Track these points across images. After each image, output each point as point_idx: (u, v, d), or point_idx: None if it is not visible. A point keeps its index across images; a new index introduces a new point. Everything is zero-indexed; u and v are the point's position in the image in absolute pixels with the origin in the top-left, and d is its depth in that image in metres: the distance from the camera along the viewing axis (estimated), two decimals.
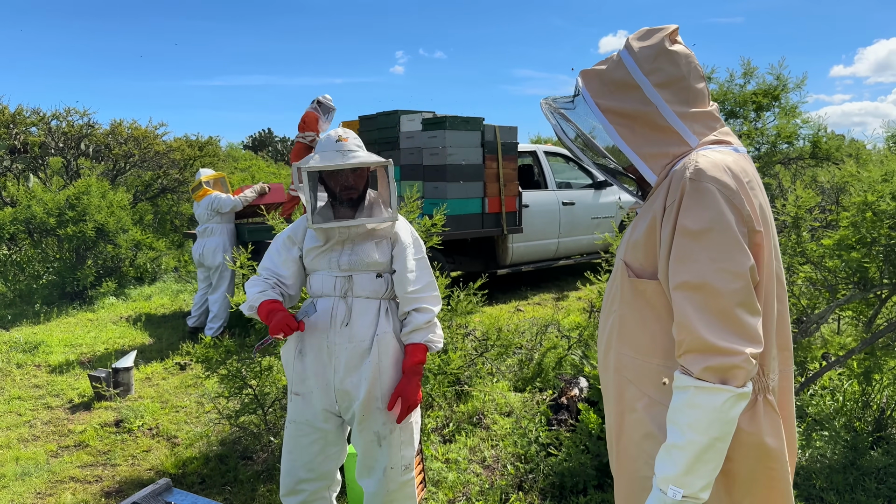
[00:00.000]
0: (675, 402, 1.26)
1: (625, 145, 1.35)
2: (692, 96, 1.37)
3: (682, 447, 1.23)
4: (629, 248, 1.42)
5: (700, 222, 1.25)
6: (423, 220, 3.69)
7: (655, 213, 1.33)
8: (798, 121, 4.84)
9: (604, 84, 1.38)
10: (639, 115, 1.35)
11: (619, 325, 1.45)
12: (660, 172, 1.35)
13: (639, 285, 1.39)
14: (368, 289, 2.26)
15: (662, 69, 1.35)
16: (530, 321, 5.83)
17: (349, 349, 2.23)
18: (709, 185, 1.26)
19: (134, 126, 9.29)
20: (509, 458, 3.29)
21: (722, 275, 1.22)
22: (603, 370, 1.55)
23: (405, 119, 7.14)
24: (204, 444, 3.69)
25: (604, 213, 8.48)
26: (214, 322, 5.87)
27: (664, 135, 1.35)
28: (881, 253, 2.82)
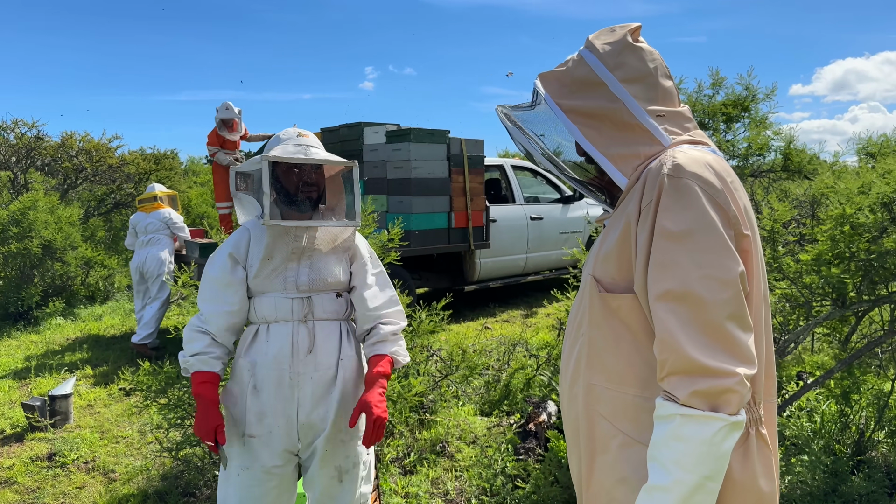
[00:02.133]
0: (658, 434, 1.08)
1: (591, 147, 1.21)
2: (661, 94, 1.25)
3: (666, 488, 1.04)
4: (598, 261, 1.25)
5: (681, 223, 1.09)
6: (381, 235, 3.48)
7: (629, 219, 1.17)
8: (769, 132, 4.77)
9: (564, 84, 1.26)
10: (605, 113, 1.22)
11: (589, 350, 1.25)
12: (630, 175, 1.20)
13: (611, 301, 1.21)
14: (329, 310, 2.05)
15: (627, 64, 1.24)
16: (498, 339, 5.64)
17: (315, 378, 1.99)
18: (689, 181, 1.11)
19: (86, 139, 8.93)
20: (474, 492, 3.07)
21: (708, 282, 1.06)
22: (568, 404, 1.34)
23: (368, 131, 6.94)
24: (143, 478, 3.40)
25: (572, 228, 8.37)
26: (143, 329, 5.75)
27: (633, 133, 1.21)
28: (860, 268, 2.69)
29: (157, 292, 5.85)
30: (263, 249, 2.00)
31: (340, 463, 2.05)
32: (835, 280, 2.67)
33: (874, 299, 2.81)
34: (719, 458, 1.04)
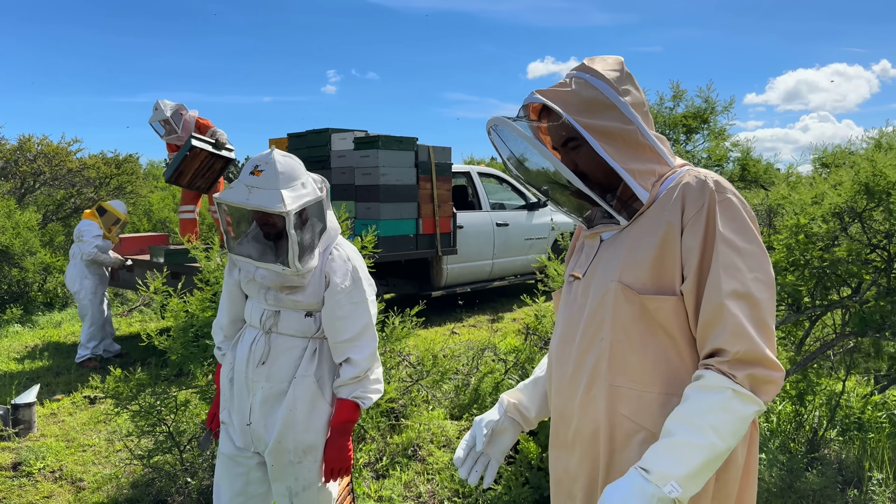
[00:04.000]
0: (699, 400, 1.19)
1: (613, 162, 1.29)
2: (650, 121, 1.40)
3: (699, 447, 1.16)
4: (627, 269, 1.31)
5: (737, 235, 1.25)
6: (354, 242, 3.52)
7: (669, 230, 1.27)
8: (728, 143, 4.96)
9: (572, 105, 1.32)
10: (621, 133, 1.31)
11: (611, 353, 1.32)
12: (649, 189, 1.31)
13: (652, 303, 1.29)
14: (294, 328, 2.07)
15: (630, 92, 1.36)
16: (466, 344, 5.71)
17: (266, 388, 2.06)
18: (732, 197, 1.28)
19: (45, 142, 8.73)
20: (446, 494, 3.13)
21: (759, 285, 1.23)
22: (582, 407, 1.37)
23: (336, 137, 6.96)
24: (113, 487, 3.37)
25: (537, 234, 8.50)
26: (81, 349, 5.64)
27: (646, 153, 1.33)
28: (814, 275, 2.84)
29: (80, 309, 5.71)
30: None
31: (290, 484, 2.08)
32: (790, 287, 2.81)
33: (827, 304, 2.96)
34: (742, 434, 1.20)
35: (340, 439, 2.04)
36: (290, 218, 1.90)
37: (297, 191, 1.96)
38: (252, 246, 2.05)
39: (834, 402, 3.25)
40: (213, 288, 3.15)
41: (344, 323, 2.03)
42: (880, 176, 2.64)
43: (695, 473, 1.16)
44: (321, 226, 2.06)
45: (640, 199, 1.30)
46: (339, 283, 2.04)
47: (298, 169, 2.01)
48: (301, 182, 1.99)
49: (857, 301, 2.89)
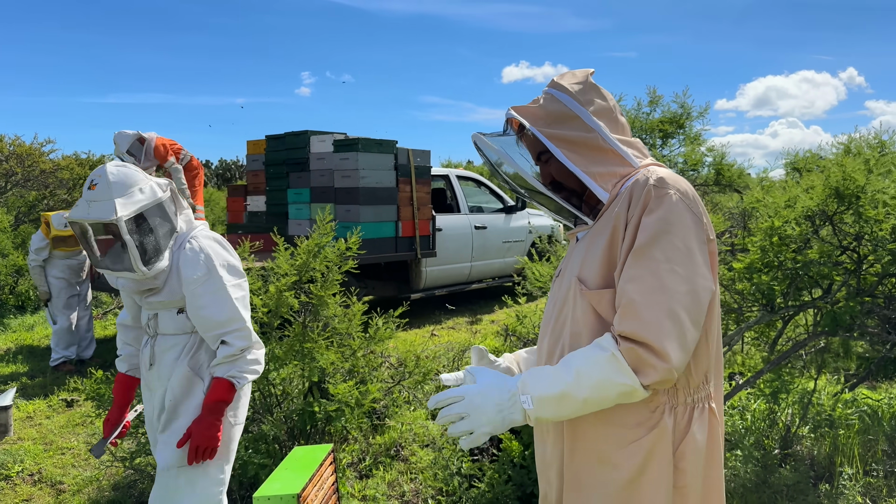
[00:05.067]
0: (587, 352, 1.29)
1: (574, 167, 1.40)
2: (620, 127, 1.48)
3: (560, 381, 1.27)
4: (584, 265, 1.42)
5: (659, 223, 1.29)
6: (338, 244, 3.55)
7: (616, 225, 1.35)
8: (703, 148, 5.09)
9: (539, 117, 1.44)
10: (583, 140, 1.42)
11: (571, 343, 1.41)
12: (610, 190, 1.40)
13: (594, 297, 1.37)
14: (172, 326, 2.17)
15: (594, 101, 1.45)
16: (445, 346, 5.75)
17: (160, 388, 2.19)
18: (670, 191, 1.32)
19: (17, 142, 8.58)
20: (430, 492, 3.17)
21: (673, 276, 1.26)
22: None
23: (315, 140, 6.97)
24: (94, 489, 3.34)
25: (515, 237, 8.58)
26: (55, 353, 5.58)
27: (607, 157, 1.42)
28: (787, 276, 2.93)
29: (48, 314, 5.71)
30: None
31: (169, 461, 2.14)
32: (765, 287, 2.90)
33: (799, 305, 3.06)
34: (604, 399, 1.27)
35: (210, 417, 2.08)
36: (121, 224, 1.96)
37: (133, 197, 2.03)
38: (109, 257, 2.11)
39: (806, 401, 3.35)
40: None
41: (207, 312, 2.10)
42: (850, 180, 2.74)
43: (547, 399, 1.28)
44: (168, 226, 2.13)
45: (601, 199, 1.40)
46: (189, 274, 2.10)
47: (134, 176, 2.08)
48: (138, 188, 2.06)
49: (828, 302, 2.99)
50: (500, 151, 1.52)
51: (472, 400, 1.31)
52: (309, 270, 3.38)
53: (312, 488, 2.59)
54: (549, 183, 1.50)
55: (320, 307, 3.41)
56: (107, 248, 2.12)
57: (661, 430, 1.32)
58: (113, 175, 2.03)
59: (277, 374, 3.37)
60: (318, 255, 3.40)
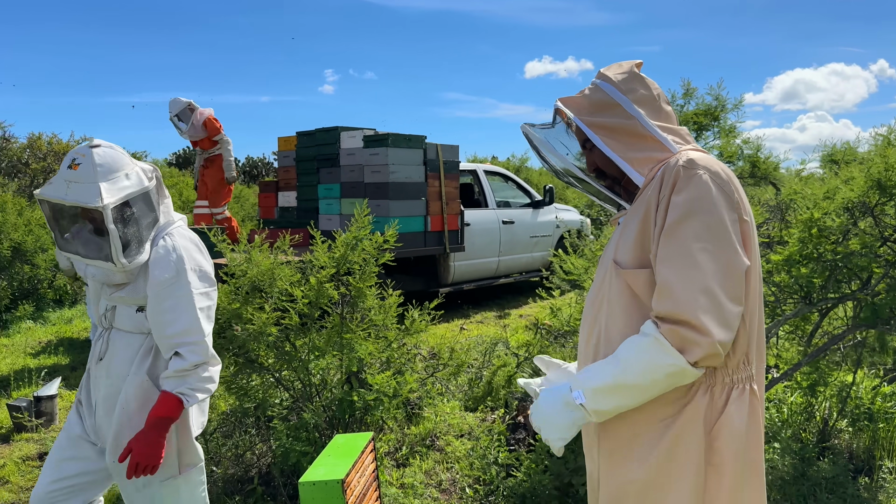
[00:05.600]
0: (632, 340, 1.34)
1: (612, 153, 1.46)
2: (664, 115, 1.52)
3: (610, 373, 1.33)
4: (619, 248, 1.46)
5: (689, 202, 1.32)
6: (375, 237, 3.60)
7: (648, 207, 1.39)
8: (739, 141, 5.06)
9: (583, 107, 1.51)
10: (622, 127, 1.47)
11: (607, 328, 1.46)
12: (647, 175, 1.44)
13: (629, 277, 1.41)
14: (129, 323, 2.03)
15: (636, 90, 1.50)
16: (475, 339, 5.79)
17: (106, 385, 2.04)
18: (700, 171, 1.35)
19: (54, 140, 8.79)
20: (467, 481, 3.21)
21: (704, 254, 1.29)
22: None
23: (345, 136, 7.03)
24: None
25: (542, 232, 8.58)
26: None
27: (647, 142, 1.46)
28: (826, 268, 2.92)
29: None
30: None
31: (132, 482, 2.01)
32: (803, 279, 2.89)
33: (838, 297, 3.04)
34: (655, 384, 1.31)
35: (152, 433, 1.92)
36: (107, 212, 1.83)
37: (119, 183, 1.89)
38: (82, 242, 1.95)
39: (844, 394, 3.33)
40: (239, 281, 3.23)
41: (166, 317, 1.95)
42: (892, 171, 2.72)
43: (599, 390, 1.33)
44: (151, 217, 1.99)
45: (637, 183, 1.45)
46: (157, 274, 1.96)
47: (120, 160, 1.93)
48: (124, 173, 1.92)
49: (868, 294, 2.97)
50: (545, 142, 1.59)
51: (540, 412, 1.42)
52: (347, 263, 3.44)
53: (355, 474, 2.65)
54: (593, 171, 1.56)
55: (358, 299, 3.47)
56: (77, 231, 1.96)
57: (693, 407, 1.35)
58: (99, 156, 1.87)
59: (316, 364, 3.43)
60: (356, 247, 3.45)
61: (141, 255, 1.94)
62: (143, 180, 1.95)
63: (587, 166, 1.58)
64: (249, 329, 3.13)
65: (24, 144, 8.61)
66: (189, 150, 29.43)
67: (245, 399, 3.29)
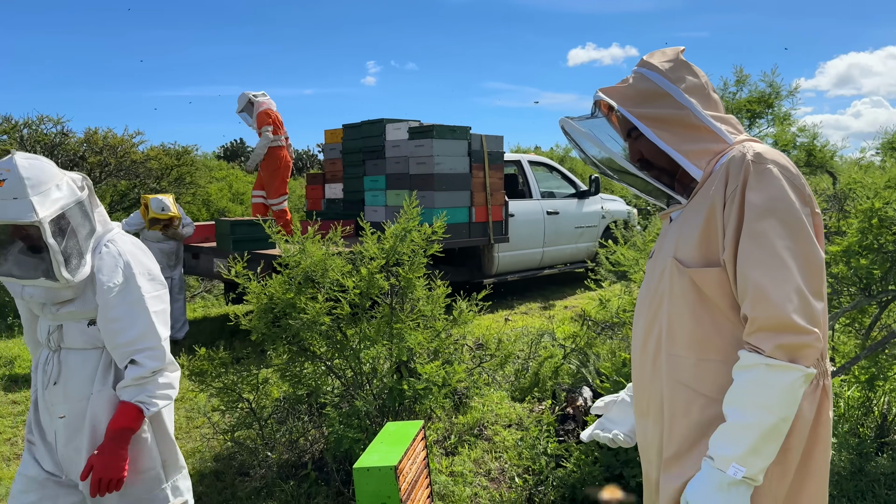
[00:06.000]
0: (740, 381, 1.27)
1: (666, 146, 1.40)
2: (713, 104, 1.47)
3: (748, 426, 1.24)
4: (680, 245, 1.41)
5: (767, 202, 1.28)
6: (424, 228, 3.63)
7: (714, 203, 1.35)
8: (794, 129, 4.93)
9: (628, 97, 1.44)
10: (674, 118, 1.41)
11: (669, 326, 1.43)
12: (704, 168, 1.38)
13: (697, 275, 1.37)
14: (81, 339, 1.94)
15: (685, 78, 1.44)
16: (521, 330, 5.80)
17: (66, 409, 1.93)
18: (770, 166, 1.31)
19: (110, 134, 9.07)
20: (516, 471, 3.23)
21: (790, 252, 1.26)
22: (651, 377, 1.50)
23: (391, 127, 7.09)
24: (197, 460, 3.56)
25: (587, 223, 8.52)
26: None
27: (701, 133, 1.41)
28: (887, 259, 2.84)
29: None
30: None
31: None
32: (863, 271, 2.81)
33: None
34: (794, 403, 1.25)
35: (111, 445, 1.83)
36: (45, 226, 1.73)
37: (50, 195, 1.78)
38: (15, 263, 1.84)
39: None
40: (292, 272, 3.30)
41: (119, 325, 1.87)
42: None
43: (753, 450, 1.23)
44: (88, 227, 1.90)
45: (694, 177, 1.39)
46: (105, 281, 1.88)
47: (48, 170, 1.82)
48: (55, 184, 1.81)
49: None
50: (588, 134, 1.52)
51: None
52: (396, 254, 3.48)
53: (407, 461, 2.70)
54: (637, 160, 1.49)
55: (408, 289, 3.51)
56: (6, 252, 1.84)
57: None
58: (24, 169, 1.76)
59: (367, 353, 3.50)
60: (405, 239, 3.50)
61: (83, 267, 1.85)
62: (74, 190, 1.86)
63: (631, 156, 1.51)
64: (303, 318, 3.20)
65: (81, 139, 8.91)
66: (236, 142, 30.06)
67: (298, 386, 3.37)
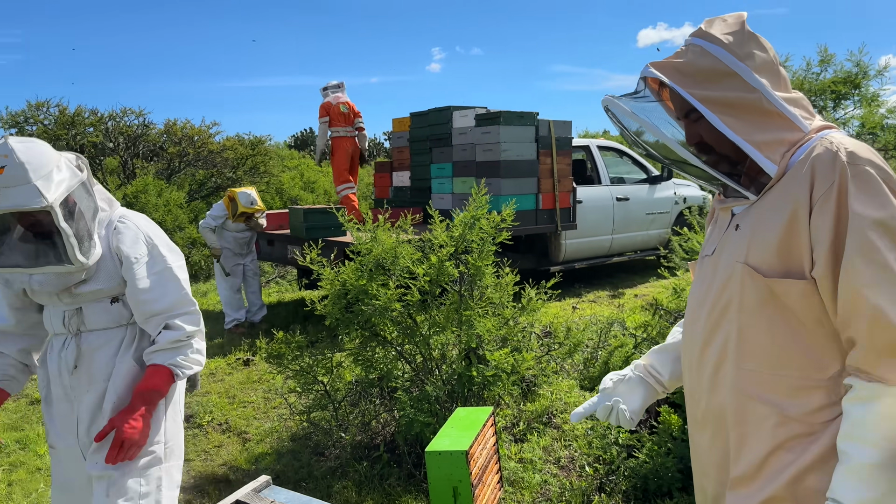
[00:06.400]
0: (860, 415, 1.13)
1: (734, 135, 1.21)
2: (782, 82, 1.29)
3: (882, 465, 1.10)
4: (753, 249, 1.25)
5: (874, 210, 1.14)
6: (492, 216, 3.64)
7: (796, 208, 1.19)
8: (883, 110, 4.65)
9: (687, 75, 1.25)
10: (743, 103, 1.23)
11: (739, 335, 1.28)
12: (779, 161, 1.21)
13: (777, 287, 1.22)
14: (105, 319, 1.89)
15: (754, 54, 1.25)
16: (589, 319, 5.74)
17: (91, 392, 1.88)
18: (868, 168, 1.16)
19: (188, 125, 9.45)
20: (586, 459, 3.22)
21: None
22: (708, 390, 1.36)
23: (458, 115, 7.10)
24: (274, 439, 3.71)
25: (659, 209, 8.32)
26: (228, 317, 6.19)
27: (773, 120, 1.24)
28: None
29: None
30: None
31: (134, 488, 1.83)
32: None
33: None
34: None
35: (139, 404, 1.77)
36: (56, 209, 1.65)
37: (53, 178, 1.70)
38: (19, 253, 1.76)
39: None
40: (364, 259, 3.37)
41: (151, 294, 1.85)
42: None
43: (892, 490, 1.11)
44: (92, 207, 1.84)
45: (768, 172, 1.22)
46: (130, 254, 1.86)
47: (47, 153, 1.73)
48: (55, 166, 1.72)
49: None
50: (637, 116, 1.31)
51: None
52: (465, 241, 3.50)
53: (478, 447, 2.73)
54: (695, 143, 1.31)
55: (476, 277, 3.53)
56: (8, 242, 1.76)
57: (836, 426, 1.20)
58: (23, 153, 1.67)
59: (436, 339, 3.54)
60: (474, 226, 3.51)
61: (94, 248, 1.80)
62: (75, 171, 1.79)
63: (688, 139, 1.31)
64: (374, 304, 3.27)
65: (161, 130, 9.32)
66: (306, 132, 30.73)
67: (370, 370, 3.45)
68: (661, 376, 1.57)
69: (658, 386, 1.58)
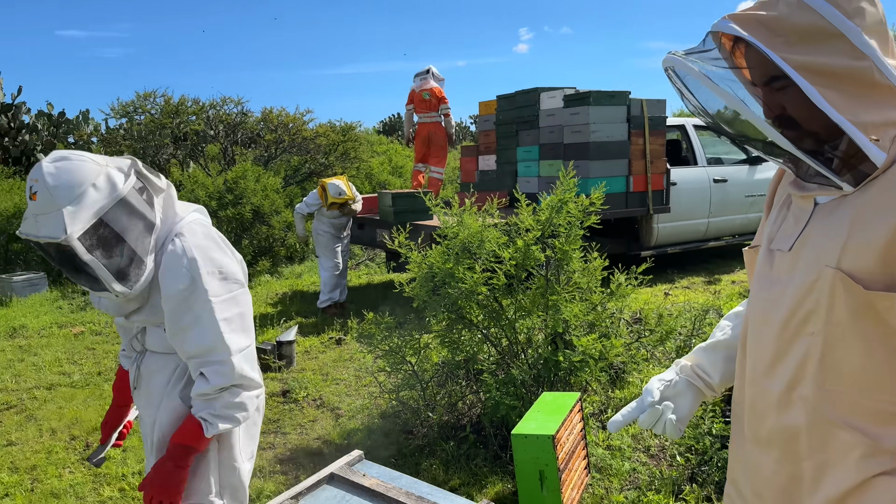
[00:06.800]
0: None
1: (837, 114, 0.97)
2: (891, 47, 1.03)
3: None
4: (851, 252, 1.04)
5: None
6: (580, 199, 3.58)
7: None
8: None
9: (778, 34, 1.00)
10: (848, 72, 0.99)
11: (823, 352, 1.09)
12: (889, 149, 0.99)
13: (880, 301, 1.02)
14: (161, 344, 1.78)
15: (864, 10, 1.00)
16: (682, 306, 5.56)
17: (148, 415, 1.83)
18: None
19: (283, 113, 9.80)
20: (677, 449, 3.14)
21: None
22: (777, 408, 1.17)
23: (545, 96, 6.99)
24: (365, 416, 3.83)
25: (760, 191, 7.91)
26: (322, 296, 6.39)
27: (882, 96, 1.00)
28: None
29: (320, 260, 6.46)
30: None
31: None
32: None
33: None
34: None
35: (171, 464, 1.67)
36: (74, 243, 1.50)
37: (85, 200, 1.53)
38: (83, 275, 1.64)
39: None
40: (451, 243, 3.41)
41: (185, 335, 1.67)
42: None
43: None
44: (142, 224, 1.63)
45: (874, 161, 0.98)
46: (170, 286, 1.65)
47: (82, 170, 1.55)
48: (90, 185, 1.54)
49: None
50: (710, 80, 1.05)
51: None
52: (552, 225, 3.47)
53: (564, 431, 2.72)
54: (775, 116, 1.07)
55: (563, 261, 3.50)
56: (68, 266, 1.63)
57: None
58: (52, 177, 1.52)
59: (522, 323, 3.54)
60: (561, 210, 3.47)
61: (143, 274, 1.64)
62: (115, 186, 1.58)
63: (768, 110, 1.08)
64: (461, 287, 3.30)
65: (258, 118, 9.71)
66: (394, 117, 31.19)
67: (456, 352, 3.49)
68: (710, 379, 1.38)
69: (707, 389, 1.39)
